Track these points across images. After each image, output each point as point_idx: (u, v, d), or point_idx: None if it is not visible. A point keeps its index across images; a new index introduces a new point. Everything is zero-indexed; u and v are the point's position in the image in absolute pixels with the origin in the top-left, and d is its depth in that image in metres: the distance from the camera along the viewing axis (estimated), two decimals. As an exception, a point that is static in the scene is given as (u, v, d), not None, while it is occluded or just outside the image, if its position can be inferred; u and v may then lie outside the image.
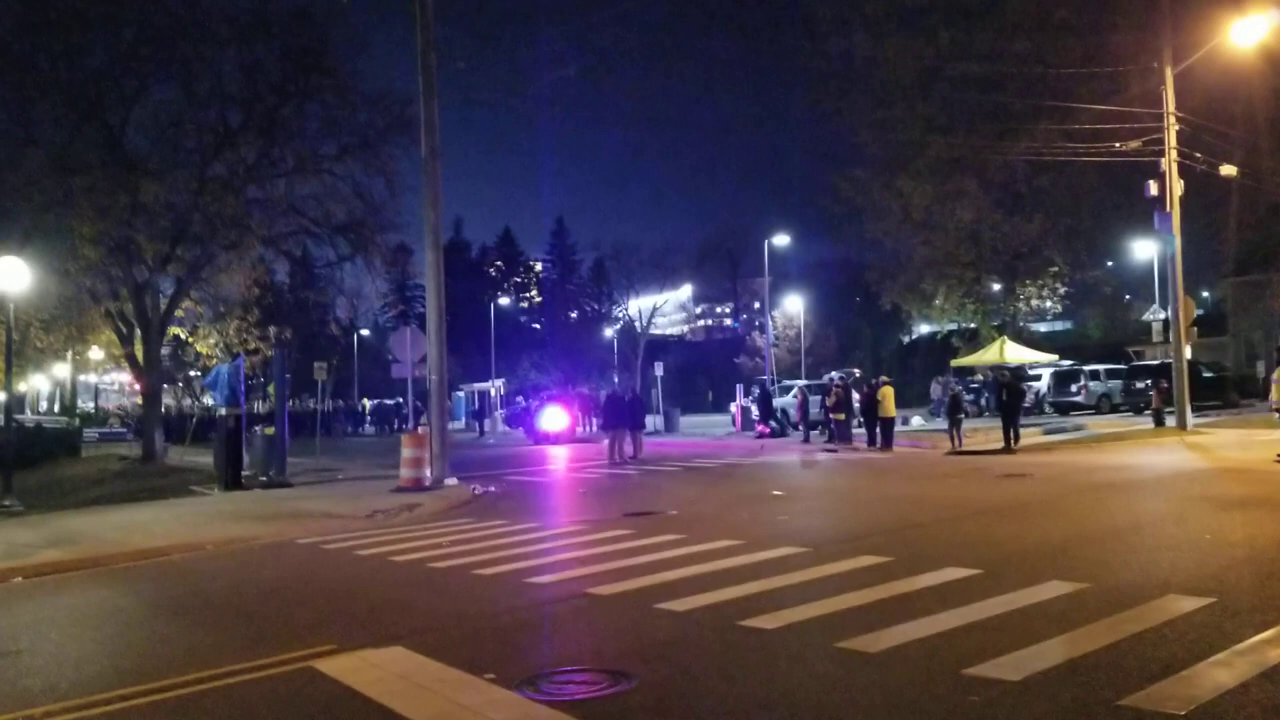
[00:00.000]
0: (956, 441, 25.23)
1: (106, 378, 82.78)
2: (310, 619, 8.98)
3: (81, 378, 72.34)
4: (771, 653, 6.88)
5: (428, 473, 19.60)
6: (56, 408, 70.46)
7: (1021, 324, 46.68)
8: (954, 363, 44.09)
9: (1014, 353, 39.29)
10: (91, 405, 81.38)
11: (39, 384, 68.66)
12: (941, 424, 33.02)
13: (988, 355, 40.31)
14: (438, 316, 20.82)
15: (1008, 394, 25.15)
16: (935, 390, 43.12)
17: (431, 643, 7.49)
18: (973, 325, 46.02)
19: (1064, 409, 40.30)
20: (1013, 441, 24.24)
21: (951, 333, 48.51)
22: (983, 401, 40.43)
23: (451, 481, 20.03)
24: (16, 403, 65.46)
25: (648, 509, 15.07)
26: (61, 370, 57.83)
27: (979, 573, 9.02)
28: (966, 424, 26.73)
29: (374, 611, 9.13)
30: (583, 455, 29.13)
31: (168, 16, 28.75)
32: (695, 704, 5.93)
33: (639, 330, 72.06)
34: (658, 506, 15.41)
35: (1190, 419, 27.91)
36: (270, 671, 7.02)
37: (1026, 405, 32.76)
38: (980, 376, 43.23)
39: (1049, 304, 47.35)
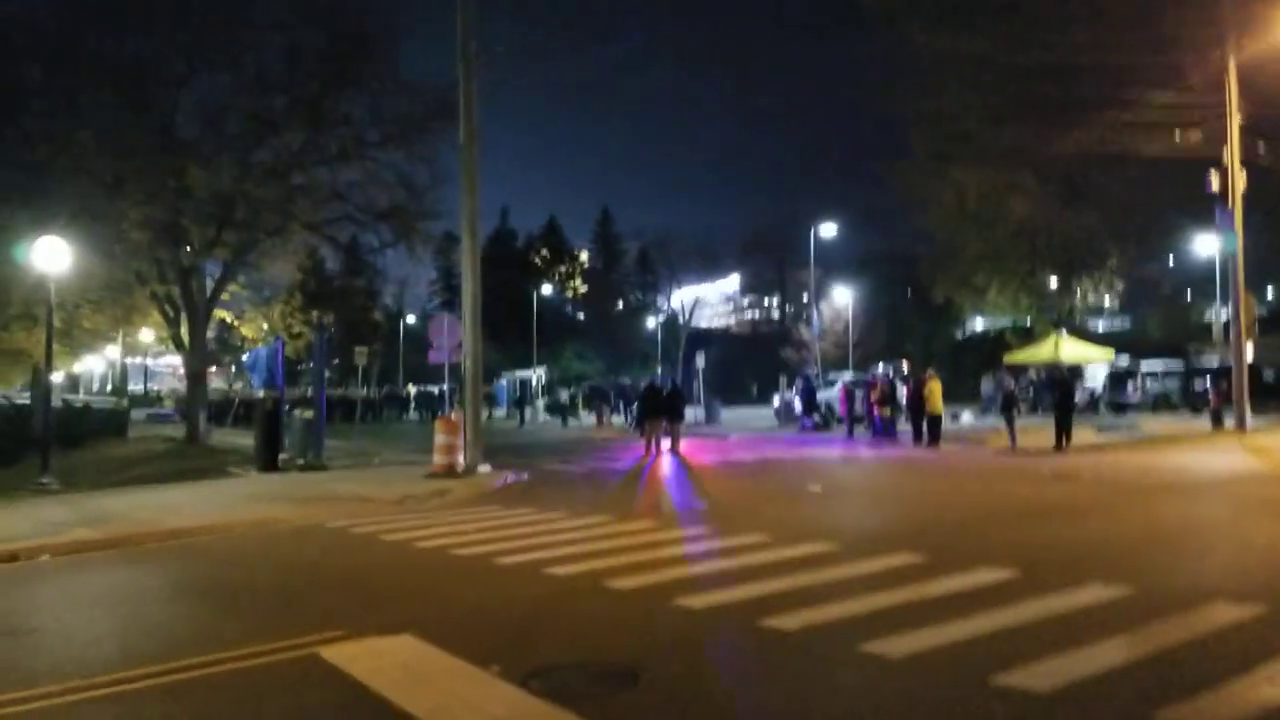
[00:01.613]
0: (1012, 439, 24.62)
1: (160, 360, 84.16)
2: (325, 604, 8.84)
3: (133, 360, 73.56)
4: (789, 654, 6.59)
5: (460, 459, 19.46)
6: (108, 389, 71.70)
7: (1078, 321, 45.71)
8: (1007, 359, 43.21)
9: (1069, 350, 38.44)
10: (142, 387, 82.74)
11: (93, 365, 69.87)
12: (992, 421, 32.40)
13: (1042, 352, 39.48)
14: (473, 303, 20.67)
15: (1061, 392, 24.49)
16: (986, 387, 42.36)
17: (441, 631, 7.28)
18: (1027, 321, 45.15)
19: (1119, 408, 39.39)
20: (1064, 441, 23.60)
21: (1005, 328, 47.67)
22: (1030, 396, 39.60)
23: (484, 468, 19.89)
24: (71, 383, 66.94)
25: (678, 501, 14.79)
26: (113, 352, 58.75)
27: (1016, 575, 8.63)
28: (1017, 422, 26.10)
29: (389, 598, 8.98)
30: (620, 446, 28.88)
31: (215, 3, 28.90)
32: (702, 705, 5.66)
33: (682, 321, 71.70)
34: (689, 499, 15.13)
35: (1250, 421, 27.06)
36: (273, 657, 6.87)
37: (1081, 405, 32.01)
38: (1032, 374, 42.38)
39: (1106, 301, 46.34)
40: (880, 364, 39.56)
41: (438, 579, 9.79)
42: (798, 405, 36.22)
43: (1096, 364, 41.36)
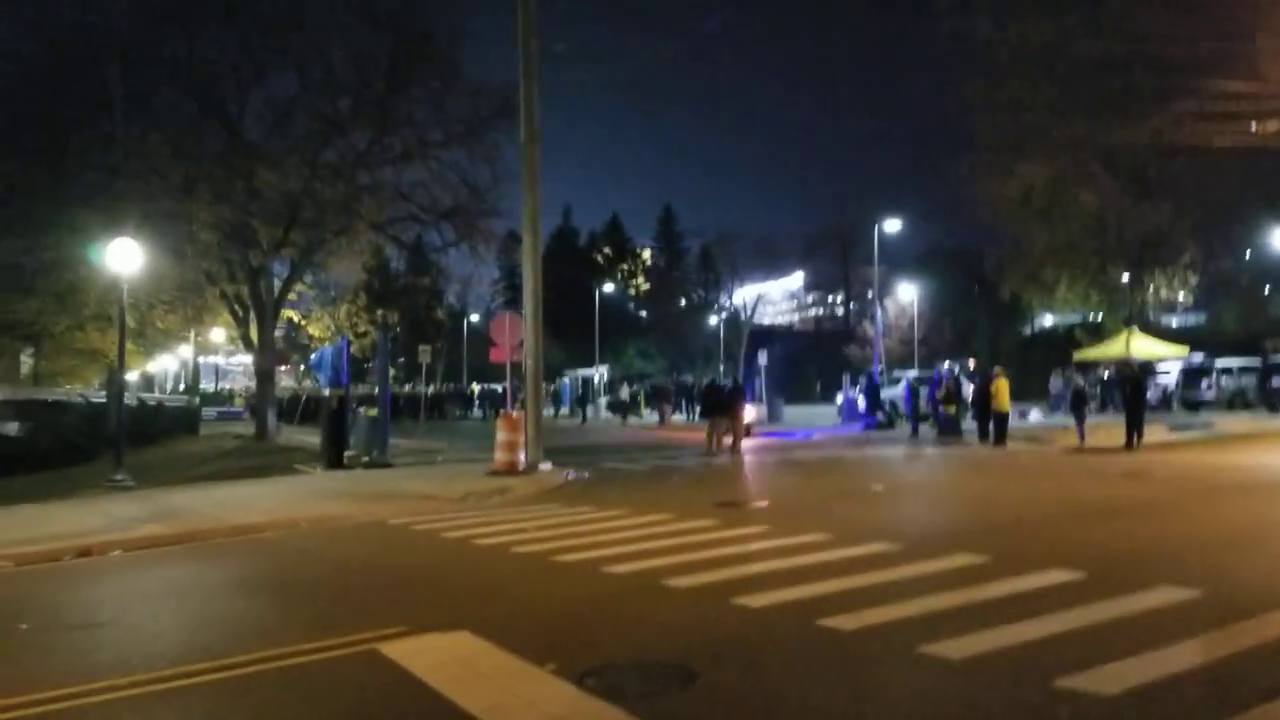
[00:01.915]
0: (1080, 437, 24.20)
1: (231, 359, 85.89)
2: (386, 600, 8.93)
3: (205, 359, 75.20)
4: (848, 655, 6.50)
5: (522, 457, 19.56)
6: (181, 387, 73.40)
7: (1150, 316, 44.56)
8: (1076, 356, 42.34)
9: (1141, 346, 37.54)
10: (213, 385, 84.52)
11: (166, 364, 71.54)
12: (1061, 419, 31.78)
13: (1113, 349, 38.62)
14: (534, 301, 20.77)
15: (1132, 389, 23.93)
16: (1055, 384, 41.55)
17: (499, 629, 7.29)
18: (1097, 317, 44.14)
19: (1193, 406, 38.36)
20: (1135, 439, 23.08)
21: (1075, 325, 46.67)
22: (1099, 394, 38.72)
23: (545, 466, 19.97)
24: (145, 382, 68.63)
25: (738, 500, 14.72)
26: (186, 351, 60.13)
27: (1082, 576, 8.43)
28: (1087, 420, 25.58)
29: (448, 595, 9.05)
30: (681, 444, 28.83)
31: (283, 6, 29.41)
32: (759, 707, 5.59)
33: (744, 318, 71.39)
34: (749, 498, 15.05)
35: (1330, 419, 26.19)
36: (335, 653, 6.93)
37: (1153, 402, 31.26)
38: (1103, 371, 41.46)
39: (1180, 296, 45.07)
40: (946, 361, 38.92)
41: (496, 576, 9.84)
42: (861, 403, 35.86)
43: (1169, 360, 40.33)
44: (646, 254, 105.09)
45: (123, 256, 19.55)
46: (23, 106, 29.56)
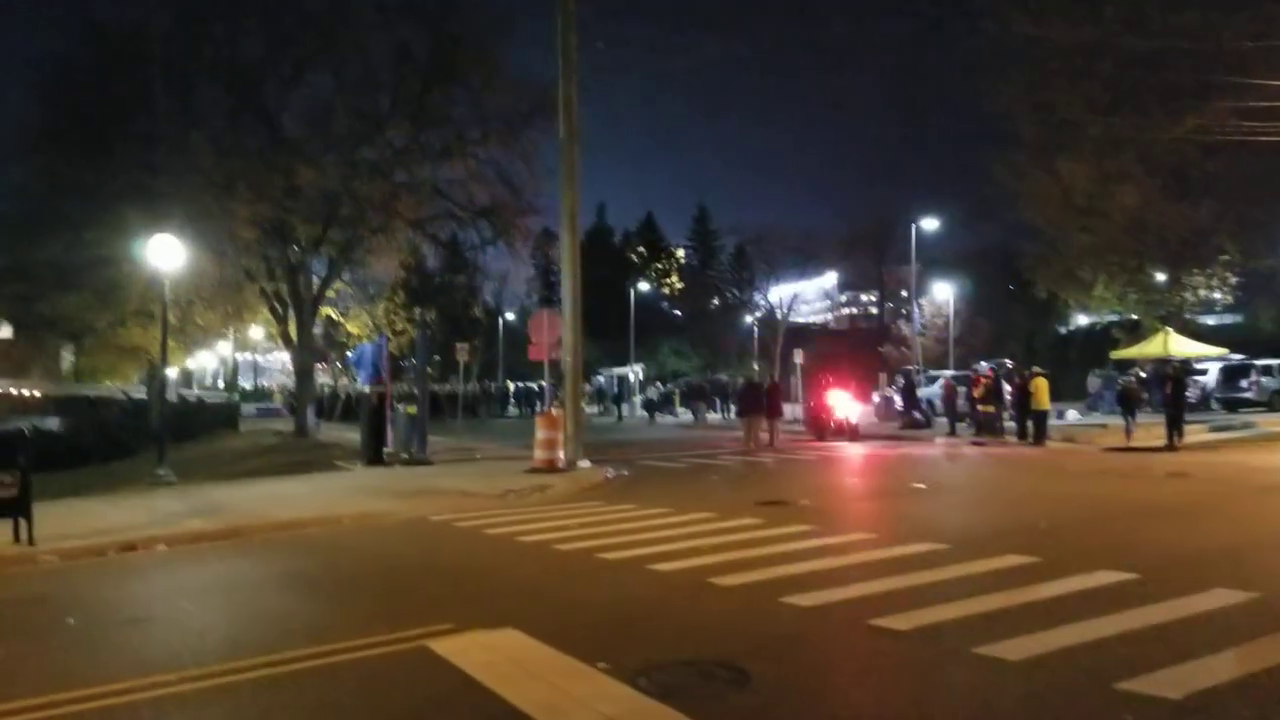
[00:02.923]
0: (1127, 433, 23.90)
1: (270, 356, 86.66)
2: (431, 596, 8.95)
3: (244, 356, 75.90)
4: (902, 656, 6.42)
5: (561, 454, 19.56)
6: (221, 384, 74.11)
7: (1187, 316, 43.90)
8: (1113, 355, 41.85)
9: (1178, 345, 37.02)
10: (252, 382, 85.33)
11: (206, 361, 72.27)
12: (1099, 418, 31.39)
13: (1150, 348, 38.13)
14: (573, 299, 20.76)
15: (1172, 388, 23.60)
16: (1093, 383, 41.04)
17: (547, 627, 7.28)
18: (1134, 316, 43.57)
19: (1233, 405, 37.74)
20: (1176, 438, 22.76)
21: (1111, 324, 46.09)
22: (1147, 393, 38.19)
23: (584, 464, 19.96)
24: (185, 379, 69.37)
25: (780, 498, 14.62)
26: (225, 348, 60.69)
27: (1135, 577, 8.30)
28: (1123, 420, 25.26)
29: (494, 592, 9.04)
30: (718, 443, 28.75)
31: (322, 4, 29.59)
32: (816, 708, 5.54)
33: (779, 317, 71.07)
34: (790, 496, 14.94)
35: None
36: (385, 649, 6.95)
37: (1192, 401, 30.80)
38: (1141, 370, 40.91)
39: (1218, 295, 44.35)
40: (982, 360, 38.50)
41: (541, 573, 9.83)
42: (898, 402, 35.61)
43: (1207, 360, 39.75)
44: (681, 253, 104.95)
45: (164, 253, 19.72)
46: (68, 105, 29.95)
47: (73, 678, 6.56)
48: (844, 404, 29.73)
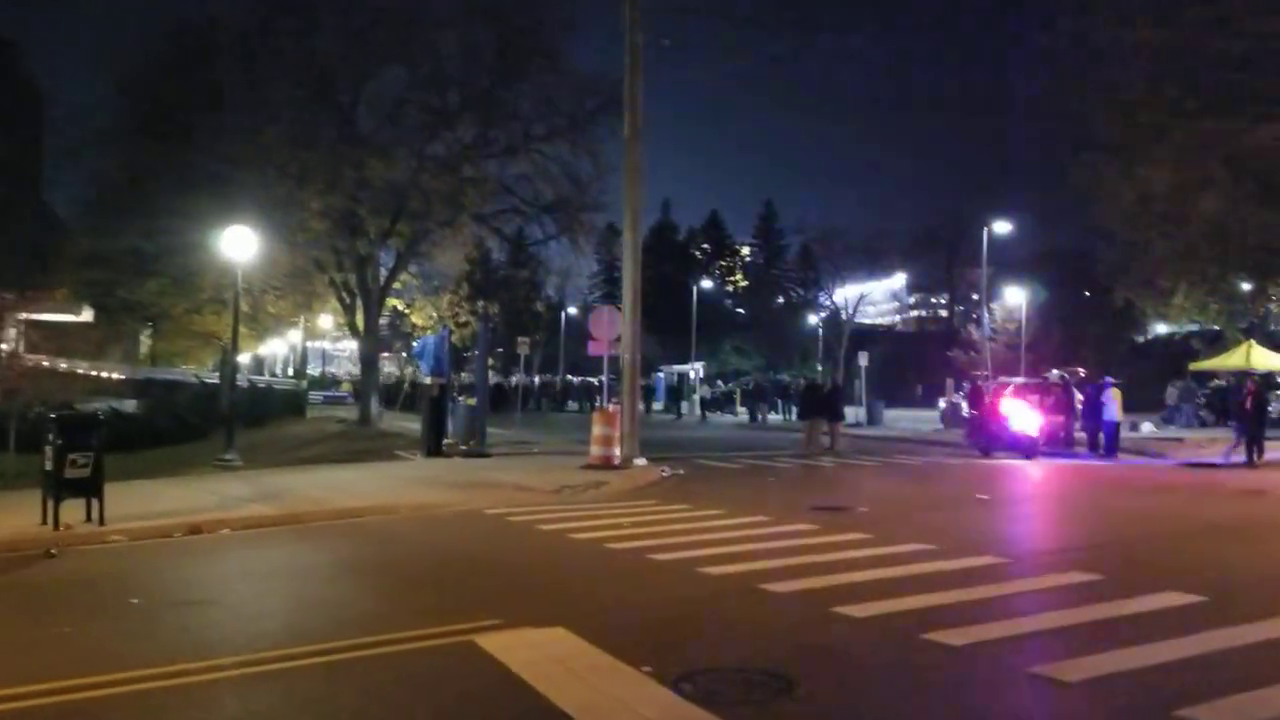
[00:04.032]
0: (1248, 453, 22.09)
1: (337, 345, 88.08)
2: (481, 590, 8.97)
3: (313, 344, 77.20)
4: (955, 672, 6.27)
5: (617, 451, 19.54)
6: (290, 371, 75.44)
7: (1273, 327, 42.61)
8: (1192, 366, 40.75)
9: (1262, 358, 35.90)
10: (320, 370, 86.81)
11: (277, 348, 73.68)
12: (1174, 430, 30.54)
13: (1231, 359, 37.03)
14: (633, 295, 20.74)
15: (1254, 402, 22.82)
16: (1171, 395, 40.02)
17: (594, 626, 7.25)
18: (1215, 327, 42.34)
19: (1317, 422, 36.51)
20: (1256, 455, 22.01)
21: (1191, 334, 44.88)
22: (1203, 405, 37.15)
23: (640, 461, 19.92)
24: (256, 365, 70.77)
25: (837, 504, 14.44)
26: (295, 336, 61.75)
27: (1202, 599, 8.03)
28: (1201, 433, 24.43)
29: (543, 588, 9.04)
30: (778, 444, 28.52)
31: (394, 0, 29.91)
32: (862, 722, 5.42)
33: (844, 318, 70.41)
34: (848, 502, 14.74)
35: None
36: (432, 642, 6.98)
37: (1275, 415, 29.77)
38: (1222, 382, 39.78)
39: (1307, 306, 42.99)
40: (1054, 369, 37.65)
41: (591, 572, 9.80)
42: (965, 408, 35.02)
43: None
44: (745, 250, 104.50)
45: (237, 243, 20.10)
46: (148, 97, 30.65)
47: (132, 658, 6.68)
48: (1021, 414, 24.43)
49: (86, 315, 35.42)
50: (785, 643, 6.95)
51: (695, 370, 58.61)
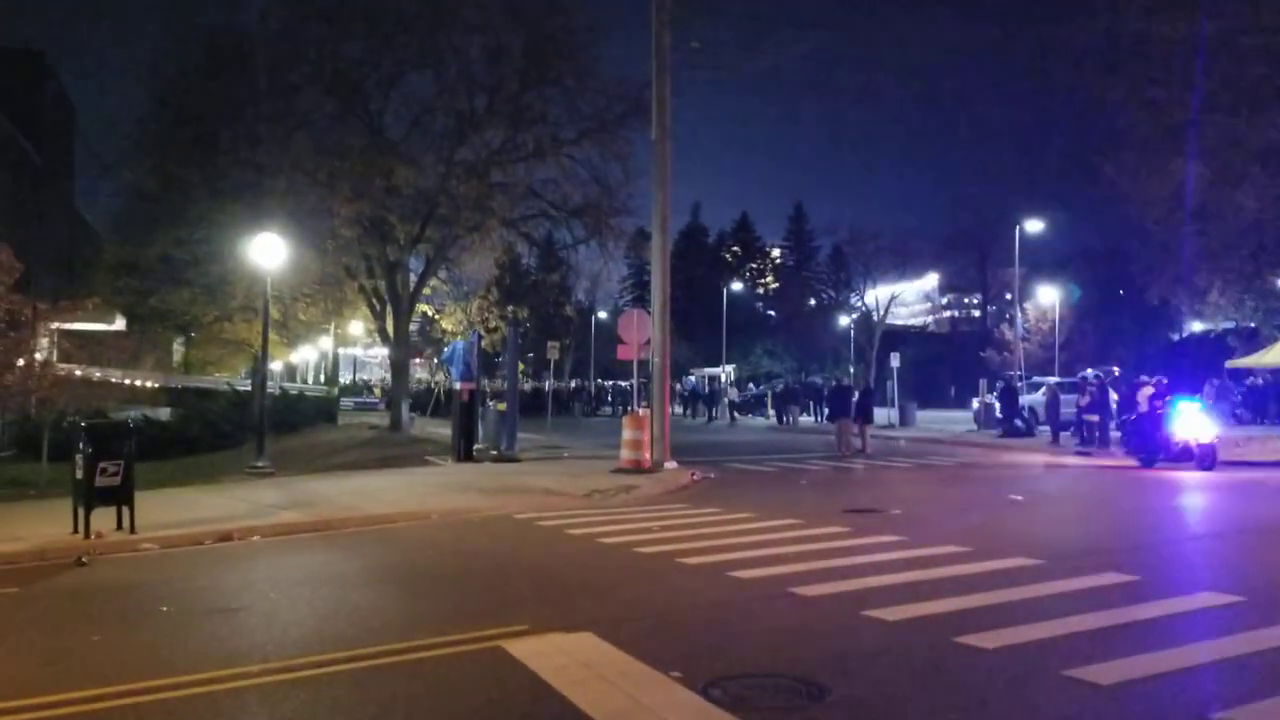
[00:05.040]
0: None
1: (368, 351, 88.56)
2: (510, 596, 8.94)
3: (344, 351, 77.69)
4: (988, 676, 6.17)
5: (647, 455, 19.49)
6: (321, 378, 75.94)
7: (1309, 323, 41.92)
8: (1229, 364, 40.19)
9: (1299, 355, 35.34)
10: (351, 377, 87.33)
11: (308, 356, 74.18)
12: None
13: (1268, 357, 36.49)
14: (662, 299, 20.70)
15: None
16: (1207, 393, 39.47)
17: (623, 632, 7.20)
18: (1252, 324, 41.74)
19: (1358, 419, 35.91)
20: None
21: (1227, 331, 44.24)
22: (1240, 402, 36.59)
23: (671, 465, 19.86)
24: (288, 372, 71.28)
25: (869, 506, 14.31)
26: (326, 343, 62.19)
27: (1240, 600, 7.89)
28: (1238, 432, 24.05)
29: (572, 593, 8.99)
30: (808, 447, 28.36)
31: (424, 5, 30.02)
32: (894, 727, 5.33)
33: (876, 320, 70.00)
34: (880, 504, 14.61)
35: None
36: (461, 648, 6.95)
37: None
38: (1259, 380, 39.18)
39: (1343, 303, 42.22)
40: (1089, 368, 37.26)
41: (620, 576, 9.75)
42: (998, 409, 34.68)
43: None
44: (776, 252, 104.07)
45: (266, 251, 20.25)
46: (179, 106, 30.94)
47: (161, 666, 6.71)
48: (1192, 419, 20.86)
49: (119, 324, 35.83)
50: (816, 647, 6.87)
51: (726, 373, 58.45)
